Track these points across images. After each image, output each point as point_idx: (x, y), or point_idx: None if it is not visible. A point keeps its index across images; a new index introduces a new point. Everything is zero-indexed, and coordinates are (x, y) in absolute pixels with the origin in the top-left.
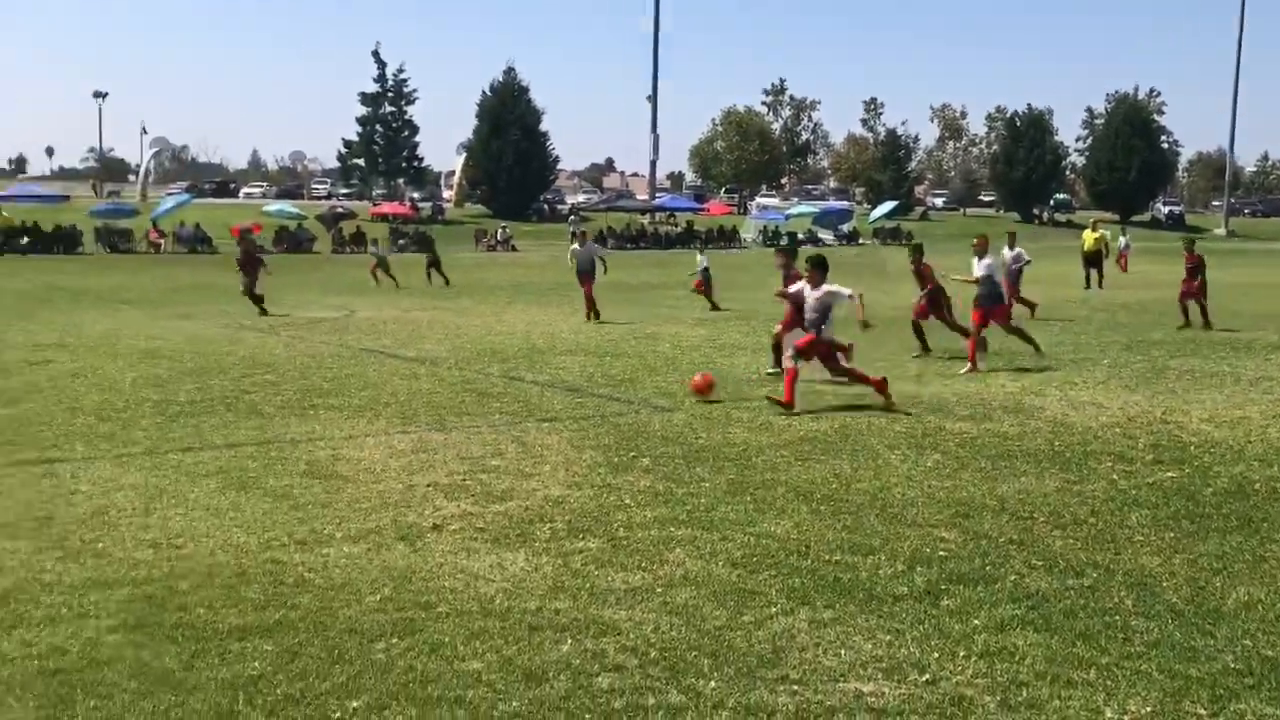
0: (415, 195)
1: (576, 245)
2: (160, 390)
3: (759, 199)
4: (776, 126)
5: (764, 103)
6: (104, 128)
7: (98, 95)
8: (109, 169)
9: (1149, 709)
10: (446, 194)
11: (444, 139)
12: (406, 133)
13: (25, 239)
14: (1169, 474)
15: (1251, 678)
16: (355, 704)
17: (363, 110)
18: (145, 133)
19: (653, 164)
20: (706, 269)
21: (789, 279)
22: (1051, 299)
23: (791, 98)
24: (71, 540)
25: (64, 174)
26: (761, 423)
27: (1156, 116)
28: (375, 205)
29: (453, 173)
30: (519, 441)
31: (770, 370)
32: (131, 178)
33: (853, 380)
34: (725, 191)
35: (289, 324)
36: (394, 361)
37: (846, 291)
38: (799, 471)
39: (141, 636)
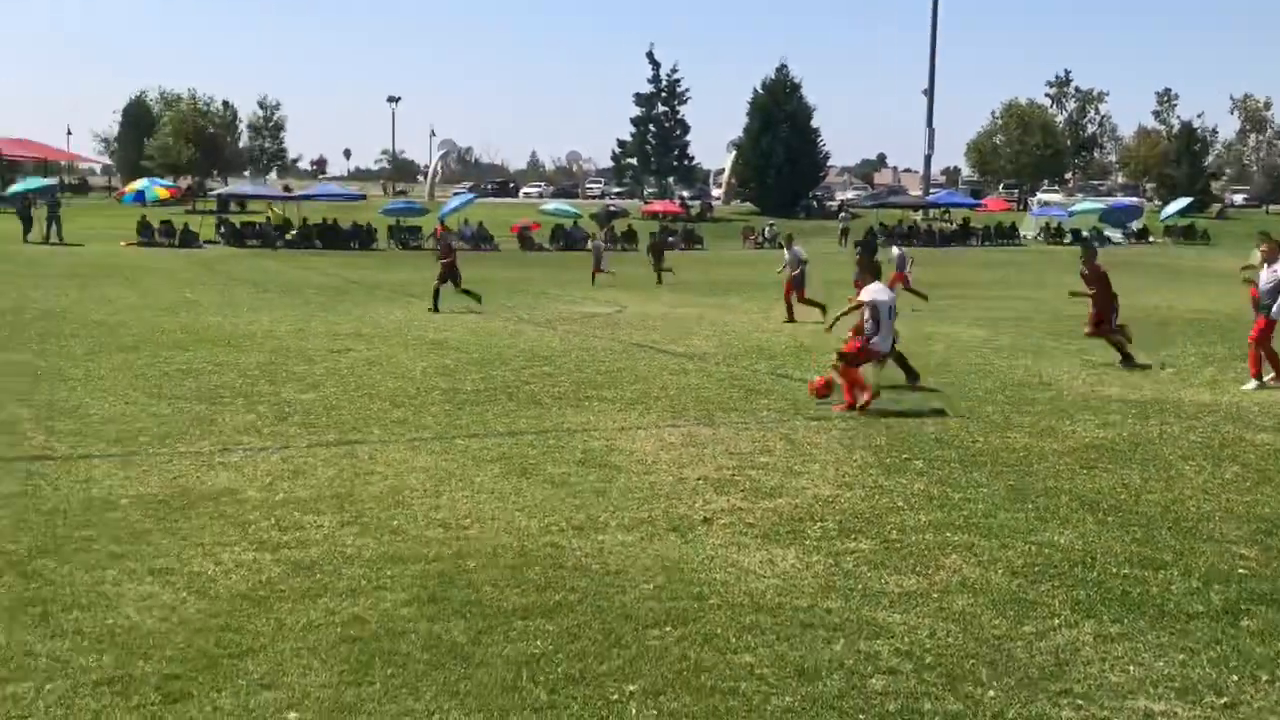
0: (685, 193)
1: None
2: (448, 379)
3: (1040, 195)
4: (1060, 119)
5: (1047, 95)
6: (396, 131)
7: (391, 100)
8: (399, 170)
9: None
10: (715, 191)
11: (714, 137)
12: (678, 132)
13: (318, 236)
14: None
15: None
16: (632, 688)
17: (636, 111)
18: (434, 135)
19: (927, 159)
20: (901, 256)
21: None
22: None
23: (1077, 89)
24: (369, 517)
25: (359, 174)
26: (1043, 428)
27: None
28: (646, 204)
29: (721, 170)
30: (787, 439)
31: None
32: (420, 178)
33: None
34: (1004, 187)
35: (565, 319)
36: (663, 357)
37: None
38: (1084, 480)
39: (433, 610)
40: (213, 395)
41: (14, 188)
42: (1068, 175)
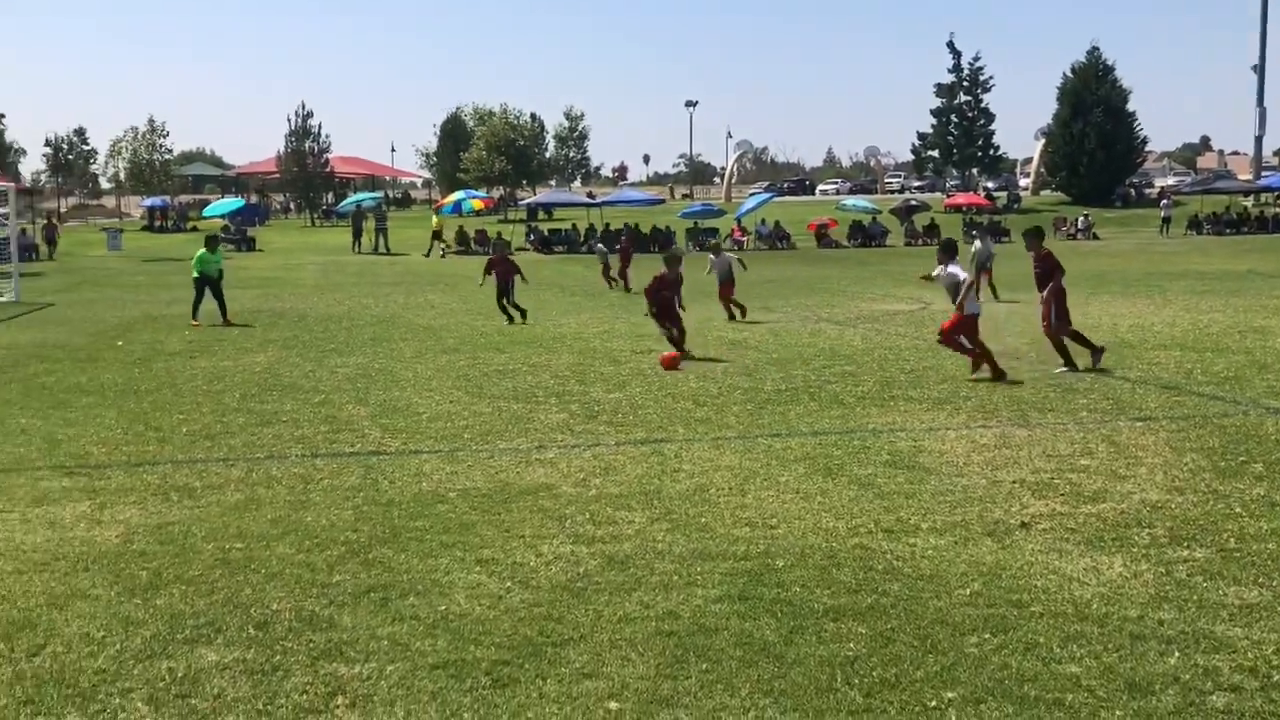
0: (989, 184)
1: (978, 243)
2: (749, 379)
3: None
4: None
5: None
6: (693, 135)
7: (689, 105)
8: (696, 173)
9: None
10: (1023, 181)
11: (1021, 126)
12: (982, 121)
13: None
14: None
15: None
16: (951, 695)
17: (937, 102)
18: (730, 137)
19: (1258, 140)
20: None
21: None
22: None
23: None
24: (677, 514)
25: (657, 179)
26: None
27: None
28: (949, 196)
29: (1029, 160)
30: (1110, 441)
31: None
32: (717, 179)
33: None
34: None
35: (866, 317)
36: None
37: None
38: None
39: (744, 608)
40: (528, 395)
41: (346, 202)
42: None
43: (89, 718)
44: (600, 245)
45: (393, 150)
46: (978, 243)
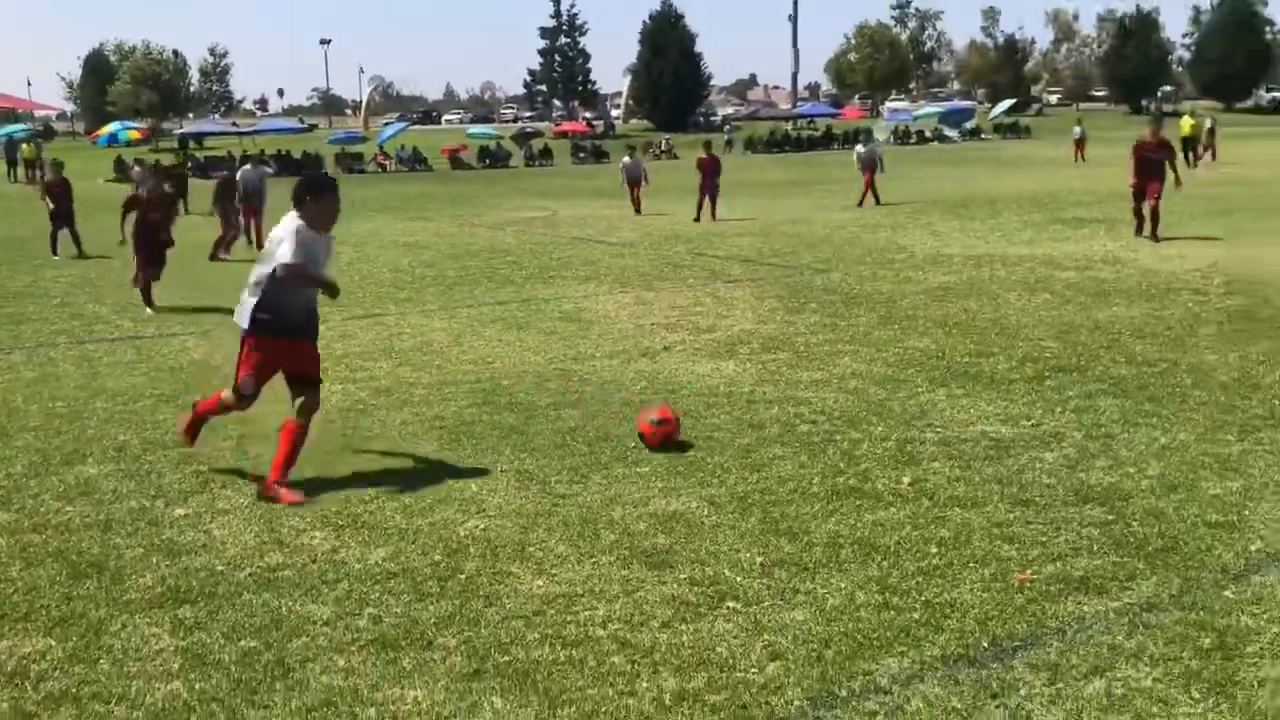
0: (588, 115)
1: (627, 159)
2: (432, 269)
3: (889, 103)
4: (904, 37)
5: (892, 16)
6: (329, 70)
7: (323, 42)
8: (329, 105)
9: (1193, 437)
10: (615, 112)
11: (612, 64)
12: (580, 60)
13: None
14: (1235, 301)
15: (1272, 420)
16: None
17: (542, 43)
18: (363, 72)
19: (794, 76)
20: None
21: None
22: None
23: (917, 10)
24: (414, 361)
25: (292, 111)
26: (903, 278)
27: (1260, 9)
28: (557, 125)
29: (620, 93)
30: (713, 295)
31: None
32: (348, 111)
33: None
34: (859, 98)
35: (510, 222)
36: (601, 246)
37: None
38: (935, 309)
39: (489, 410)
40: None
41: None
42: (912, 85)
43: (13, 513)
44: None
45: (29, 84)
46: (860, 148)
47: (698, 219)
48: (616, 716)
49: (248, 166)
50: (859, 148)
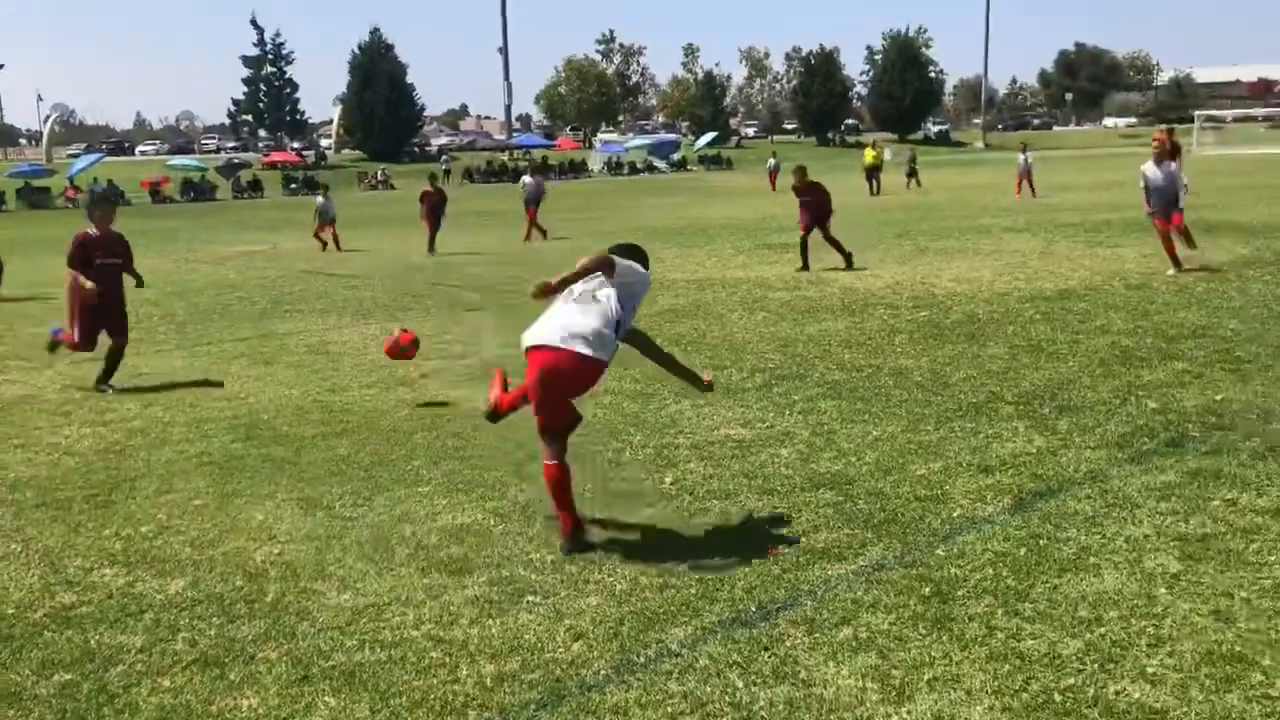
0: (296, 145)
1: (528, 178)
2: (158, 308)
3: (601, 135)
4: (610, 71)
5: (598, 50)
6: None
7: None
8: (1, 134)
9: (899, 429)
10: (325, 142)
11: (320, 93)
12: (288, 90)
13: None
14: (922, 313)
15: (960, 411)
16: (417, 463)
17: (246, 72)
18: (41, 100)
19: (507, 108)
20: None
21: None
22: (842, 204)
23: (621, 45)
24: (164, 400)
25: None
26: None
27: (925, 50)
28: (266, 156)
29: (329, 122)
30: (457, 324)
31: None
32: (22, 141)
33: None
34: (571, 129)
35: (228, 257)
36: (332, 279)
37: None
38: (669, 328)
39: (255, 443)
40: None
41: None
42: (620, 118)
43: None
44: None
45: None
46: (526, 179)
47: (431, 251)
48: (445, 700)
49: None
50: (525, 179)
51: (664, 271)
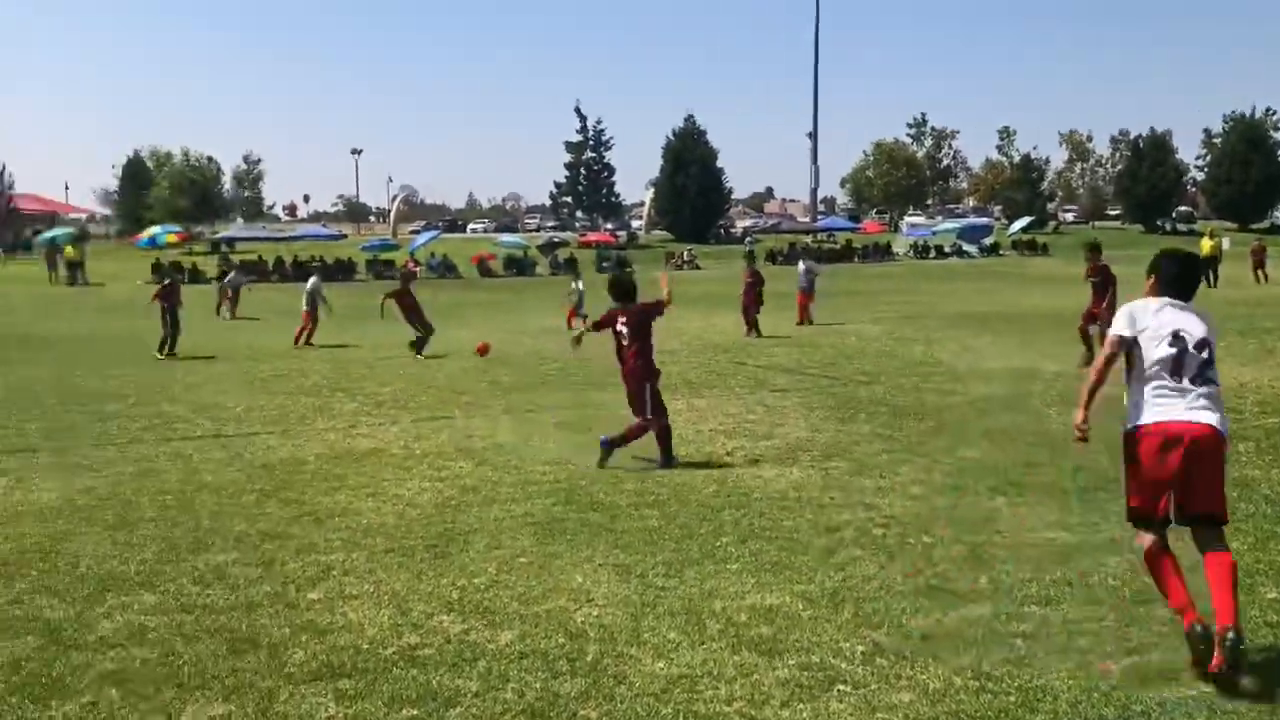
0: (610, 225)
1: (803, 264)
2: (485, 375)
3: (908, 218)
4: (920, 154)
5: (908, 134)
6: (359, 178)
7: (355, 152)
8: (353, 211)
9: (1245, 546)
10: (636, 223)
11: (635, 176)
12: (605, 174)
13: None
14: (1271, 420)
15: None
16: (725, 539)
17: (568, 156)
18: (391, 181)
19: (813, 191)
20: (581, 293)
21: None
22: None
23: (933, 129)
24: (492, 461)
25: (316, 217)
26: (946, 389)
27: (1273, 133)
28: (583, 235)
29: (641, 204)
30: (762, 404)
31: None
32: (372, 219)
33: None
34: (876, 213)
35: (550, 330)
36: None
37: None
38: (979, 421)
39: (574, 507)
40: (314, 391)
41: (43, 236)
42: (929, 201)
43: (158, 595)
44: (233, 275)
45: (66, 188)
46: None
47: (749, 333)
48: None
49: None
50: (801, 265)
51: (975, 361)
